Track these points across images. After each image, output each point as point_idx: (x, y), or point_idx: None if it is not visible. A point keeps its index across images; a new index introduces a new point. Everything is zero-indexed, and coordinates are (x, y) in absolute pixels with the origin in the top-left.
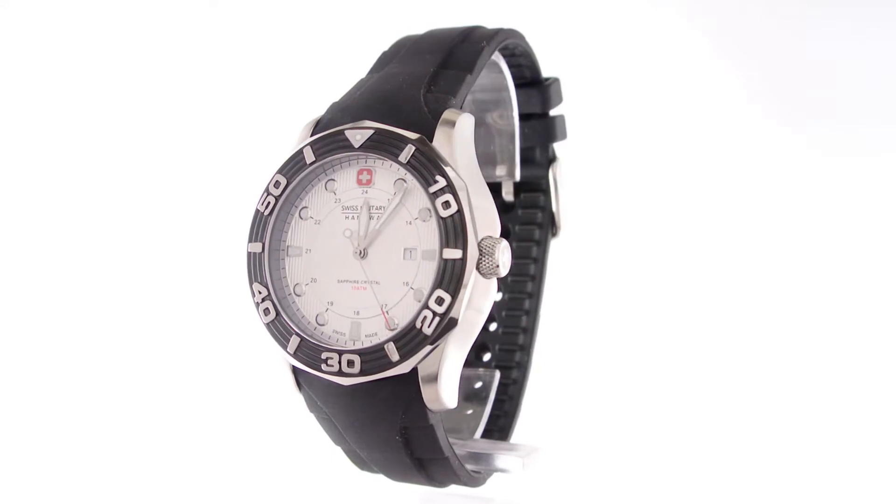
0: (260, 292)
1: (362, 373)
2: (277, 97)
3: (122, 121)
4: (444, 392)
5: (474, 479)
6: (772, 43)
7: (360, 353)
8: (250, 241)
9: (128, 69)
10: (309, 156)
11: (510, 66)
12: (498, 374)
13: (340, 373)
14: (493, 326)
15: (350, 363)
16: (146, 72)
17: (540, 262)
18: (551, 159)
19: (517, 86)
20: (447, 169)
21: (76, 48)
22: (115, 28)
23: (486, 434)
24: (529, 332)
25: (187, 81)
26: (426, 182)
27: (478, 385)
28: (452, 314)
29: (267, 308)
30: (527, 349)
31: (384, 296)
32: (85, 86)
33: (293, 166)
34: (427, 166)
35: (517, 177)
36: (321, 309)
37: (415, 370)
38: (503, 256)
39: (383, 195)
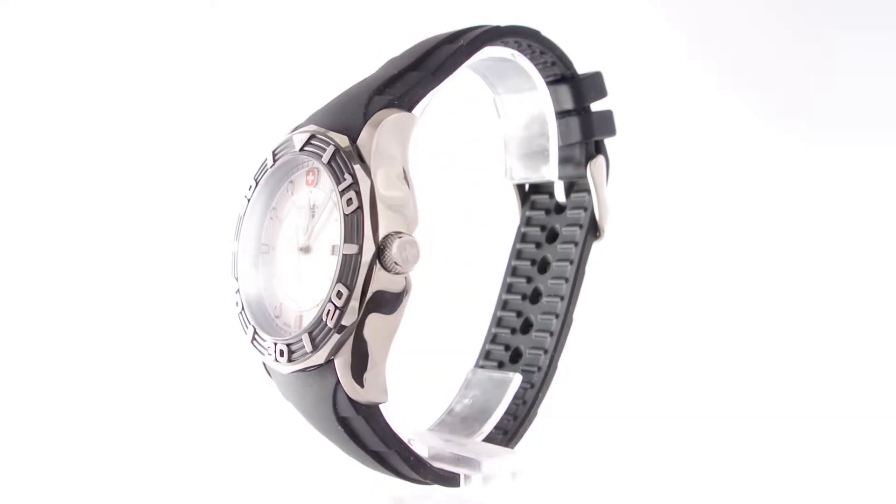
0: (233, 287)
1: (290, 361)
2: (284, 99)
3: (126, 121)
4: (363, 385)
5: (443, 479)
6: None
7: (288, 342)
8: (232, 240)
9: (129, 70)
10: (269, 160)
11: (536, 64)
12: (518, 378)
13: (276, 361)
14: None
15: (281, 352)
16: (147, 72)
17: (576, 264)
18: (589, 157)
19: (550, 83)
20: (356, 167)
21: (75, 47)
22: (115, 28)
23: (490, 438)
24: (556, 335)
25: (191, 82)
26: (337, 181)
27: (498, 387)
28: (350, 307)
29: (237, 301)
30: (550, 353)
31: (317, 290)
32: (84, 85)
33: (261, 170)
34: (340, 166)
35: (555, 176)
36: (277, 303)
37: (331, 362)
38: (404, 252)
39: (323, 194)
